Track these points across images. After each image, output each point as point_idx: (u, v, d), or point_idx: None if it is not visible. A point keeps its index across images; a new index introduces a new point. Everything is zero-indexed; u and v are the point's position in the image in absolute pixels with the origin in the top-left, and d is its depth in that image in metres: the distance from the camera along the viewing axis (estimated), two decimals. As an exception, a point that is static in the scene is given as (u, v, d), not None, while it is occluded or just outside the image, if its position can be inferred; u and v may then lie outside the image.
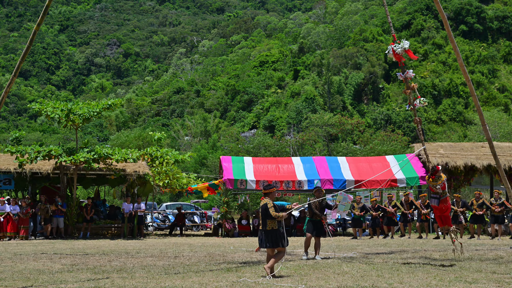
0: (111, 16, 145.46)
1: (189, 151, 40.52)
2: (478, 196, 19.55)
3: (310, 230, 12.00)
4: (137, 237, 20.93)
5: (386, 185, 22.32)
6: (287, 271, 9.58)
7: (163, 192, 26.60)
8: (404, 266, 10.12)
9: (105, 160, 20.32)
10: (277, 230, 8.86)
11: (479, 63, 74.35)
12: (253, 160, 23.76)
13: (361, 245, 15.82)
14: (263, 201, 9.01)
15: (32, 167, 20.63)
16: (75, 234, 20.85)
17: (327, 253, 13.14)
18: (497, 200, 18.97)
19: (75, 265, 10.94)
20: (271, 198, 9.06)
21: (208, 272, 9.70)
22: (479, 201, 19.20)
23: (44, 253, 13.66)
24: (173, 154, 21.79)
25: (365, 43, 79.00)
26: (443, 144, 24.45)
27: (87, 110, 20.61)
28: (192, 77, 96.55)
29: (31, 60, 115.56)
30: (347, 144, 50.50)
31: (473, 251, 13.00)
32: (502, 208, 18.69)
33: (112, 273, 9.65)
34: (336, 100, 69.98)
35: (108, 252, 13.94)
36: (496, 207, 18.72)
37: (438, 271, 9.31)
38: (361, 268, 9.79)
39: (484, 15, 79.33)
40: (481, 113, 11.76)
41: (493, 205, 18.85)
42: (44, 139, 60.32)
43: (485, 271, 9.29)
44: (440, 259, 11.45)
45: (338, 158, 24.59)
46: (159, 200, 43.51)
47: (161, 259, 12.01)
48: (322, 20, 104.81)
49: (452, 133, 56.44)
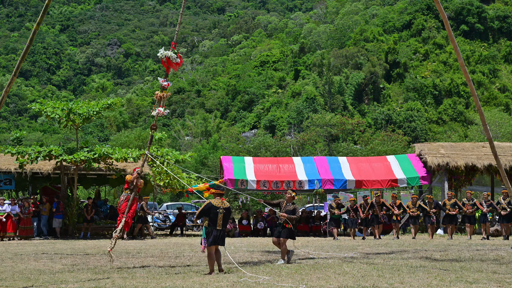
0: (112, 16, 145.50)
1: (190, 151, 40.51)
2: (450, 196, 19.61)
3: (275, 234, 11.54)
4: (137, 237, 20.93)
5: (387, 185, 22.33)
6: (288, 271, 9.58)
7: (164, 192, 26.61)
8: (405, 266, 10.11)
9: (105, 159, 20.33)
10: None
11: (480, 63, 74.31)
12: (254, 160, 23.77)
13: (362, 245, 15.82)
14: (225, 202, 9.49)
15: (32, 167, 20.64)
16: (76, 234, 20.85)
17: (328, 252, 13.14)
18: (470, 201, 19.20)
19: (75, 265, 10.95)
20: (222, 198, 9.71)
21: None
22: (451, 201, 19.25)
23: (45, 253, 13.67)
24: (174, 154, 21.80)
25: (366, 43, 78.98)
26: (444, 144, 24.44)
27: (86, 110, 20.62)
28: (192, 77, 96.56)
29: (32, 60, 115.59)
30: (348, 144, 50.50)
31: (474, 251, 12.99)
32: (474, 209, 18.93)
33: (113, 273, 9.65)
34: (337, 100, 69.97)
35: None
36: (468, 207, 18.90)
37: (439, 271, 9.31)
38: (361, 268, 9.78)
39: (485, 15, 79.30)
40: (482, 113, 11.75)
41: (465, 206, 19.03)
42: (44, 139, 60.36)
43: (486, 271, 9.28)
44: (441, 259, 11.45)
45: (338, 158, 24.60)
46: (159, 200, 43.51)
47: (162, 259, 12.01)
48: (322, 20, 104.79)
49: (452, 133, 56.41)
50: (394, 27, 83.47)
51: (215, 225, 9.41)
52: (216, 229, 9.41)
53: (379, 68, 74.15)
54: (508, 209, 18.35)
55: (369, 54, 76.28)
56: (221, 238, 9.46)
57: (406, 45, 78.22)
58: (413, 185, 22.66)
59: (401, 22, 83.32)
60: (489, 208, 19.01)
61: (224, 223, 9.47)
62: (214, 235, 9.39)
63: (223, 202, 9.51)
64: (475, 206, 18.93)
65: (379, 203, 19.52)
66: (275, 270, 9.68)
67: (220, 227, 9.42)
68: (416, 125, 63.94)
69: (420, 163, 22.63)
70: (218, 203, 9.48)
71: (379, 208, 19.40)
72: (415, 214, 19.26)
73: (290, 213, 11.29)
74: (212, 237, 9.39)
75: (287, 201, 11.52)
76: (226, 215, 9.47)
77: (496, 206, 18.82)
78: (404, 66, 75.32)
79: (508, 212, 18.38)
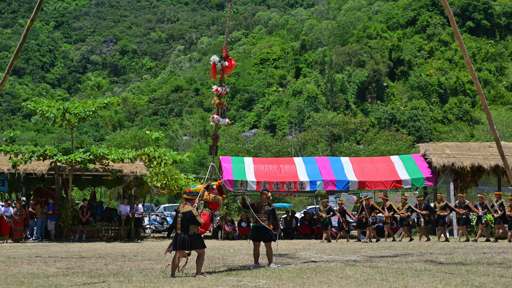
0: (108, 12, 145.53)
1: (188, 151, 40.52)
2: (440, 198, 19.70)
3: (256, 238, 11.22)
4: (134, 240, 20.94)
5: (391, 186, 22.33)
6: (289, 274, 9.58)
7: (161, 193, 26.62)
8: (409, 269, 10.12)
9: (101, 160, 20.33)
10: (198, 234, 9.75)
11: (487, 60, 74.31)
12: (254, 161, 23.76)
13: (365, 248, 15.82)
14: (186, 207, 9.65)
15: (26, 168, 20.63)
16: (71, 237, 20.85)
17: (330, 256, 13.14)
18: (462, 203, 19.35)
19: (70, 268, 10.95)
20: (191, 204, 9.84)
21: (208, 275, 9.71)
22: (442, 203, 19.34)
23: (39, 256, 13.67)
24: (171, 155, 21.80)
25: (369, 40, 78.97)
26: (449, 144, 24.42)
27: (82, 110, 20.62)
28: (191, 75, 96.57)
29: (25, 57, 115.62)
30: (350, 144, 50.49)
31: (480, 254, 12.99)
32: (466, 211, 19.06)
33: (109, 276, 9.66)
34: (339, 98, 69.97)
35: (105, 255, 13.95)
36: (460, 209, 19.08)
37: (444, 275, 9.31)
38: (364, 272, 9.78)
39: (492, 11, 79.30)
40: (489, 112, 11.75)
41: (457, 208, 19.20)
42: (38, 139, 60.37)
43: (492, 275, 9.29)
44: (447, 262, 11.45)
45: (341, 158, 24.59)
46: (157, 201, 43.52)
47: (159, 263, 12.02)
48: (324, 16, 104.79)
49: (458, 133, 56.41)
50: (398, 24, 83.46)
51: (176, 229, 9.80)
52: (177, 233, 9.77)
53: (382, 65, 74.13)
54: (500, 212, 18.62)
55: (372, 51, 76.27)
56: (182, 243, 9.57)
57: (411, 42, 78.23)
58: (418, 186, 22.66)
59: (405, 19, 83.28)
60: (485, 210, 19.26)
61: (183, 228, 9.61)
62: (173, 240, 9.77)
63: (184, 206, 9.75)
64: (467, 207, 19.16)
65: (368, 206, 19.62)
66: (275, 274, 9.68)
67: (179, 231, 9.65)
68: (421, 124, 63.96)
69: (425, 163, 22.63)
70: (180, 207, 9.83)
71: (368, 211, 19.51)
72: (404, 216, 19.36)
73: (270, 214, 11.23)
74: (173, 241, 9.79)
75: (262, 202, 11.35)
76: (183, 219, 9.63)
77: (490, 209, 19.11)
78: (409, 64, 75.33)
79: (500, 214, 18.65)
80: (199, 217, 9.75)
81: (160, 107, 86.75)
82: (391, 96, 73.30)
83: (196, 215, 9.65)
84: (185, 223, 9.59)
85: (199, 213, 10.21)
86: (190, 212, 9.62)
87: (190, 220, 9.59)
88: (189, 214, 9.60)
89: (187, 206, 9.72)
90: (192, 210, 9.65)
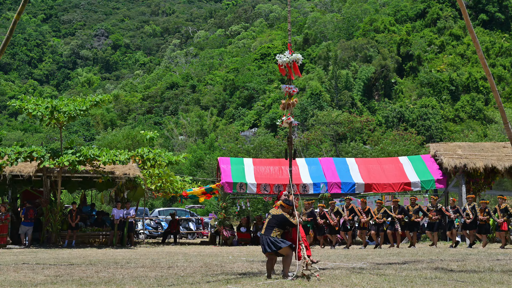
0: (99, 4, 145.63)
1: (184, 152, 40.54)
2: (413, 201, 19.67)
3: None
4: (127, 246, 20.94)
5: (399, 189, 22.35)
6: (291, 282, 9.59)
7: (156, 196, 26.65)
8: (419, 277, 10.12)
9: (91, 162, 20.33)
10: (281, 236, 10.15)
11: (501, 55, 74.36)
12: (254, 162, 23.81)
13: (372, 254, 15.83)
14: (278, 211, 10.09)
15: (12, 170, 20.64)
16: (60, 243, 20.85)
17: (335, 262, 13.15)
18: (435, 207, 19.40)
19: (59, 276, 10.95)
20: (286, 213, 10.21)
21: (205, 284, 9.71)
22: (415, 206, 19.32)
23: (26, 263, 13.68)
24: (167, 155, 21.81)
25: (376, 34, 79.03)
26: (461, 144, 24.46)
27: (73, 108, 20.61)
28: (187, 71, 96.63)
29: (11, 52, 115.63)
30: (356, 144, 50.54)
31: (494, 261, 13.00)
32: (439, 215, 19.17)
33: (100, 285, 9.66)
34: (344, 96, 70.02)
35: (96, 262, 13.96)
36: (433, 213, 19.12)
37: (455, 283, 9.32)
38: (371, 280, 9.79)
39: (507, 3, 79.36)
40: (503, 110, 11.76)
41: (430, 212, 19.25)
42: (25, 139, 60.46)
43: (507, 283, 9.29)
44: (458, 269, 11.46)
45: (346, 159, 24.64)
46: (151, 205, 43.56)
47: (154, 270, 12.02)
48: (329, 9, 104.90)
49: (470, 132, 56.48)
50: (407, 17, 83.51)
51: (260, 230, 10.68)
52: (261, 234, 10.31)
53: (390, 61, 74.20)
54: (472, 216, 18.63)
55: (380, 46, 76.32)
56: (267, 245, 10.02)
57: (420, 36, 78.26)
58: (428, 188, 22.67)
59: (414, 11, 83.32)
60: (456, 214, 19.36)
61: (267, 230, 10.11)
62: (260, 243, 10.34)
63: (276, 210, 10.27)
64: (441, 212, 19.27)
65: (348, 208, 19.53)
66: (277, 282, 9.68)
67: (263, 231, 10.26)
68: (431, 123, 63.99)
69: (435, 164, 22.65)
70: (272, 210, 10.34)
71: (347, 213, 19.40)
72: (380, 221, 19.26)
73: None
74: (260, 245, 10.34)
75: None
76: (271, 220, 10.13)
77: (461, 213, 19.16)
78: (418, 59, 75.36)
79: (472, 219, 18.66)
80: (292, 218, 10.11)
81: (155, 105, 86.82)
82: (400, 94, 73.34)
83: (288, 218, 10.07)
84: (272, 225, 10.00)
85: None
86: (283, 215, 10.06)
87: (280, 223, 9.96)
88: (282, 217, 10.04)
89: (279, 211, 10.18)
90: (284, 215, 10.07)
